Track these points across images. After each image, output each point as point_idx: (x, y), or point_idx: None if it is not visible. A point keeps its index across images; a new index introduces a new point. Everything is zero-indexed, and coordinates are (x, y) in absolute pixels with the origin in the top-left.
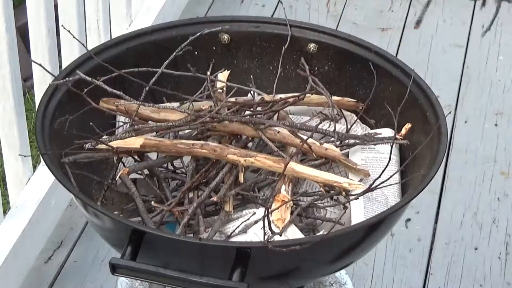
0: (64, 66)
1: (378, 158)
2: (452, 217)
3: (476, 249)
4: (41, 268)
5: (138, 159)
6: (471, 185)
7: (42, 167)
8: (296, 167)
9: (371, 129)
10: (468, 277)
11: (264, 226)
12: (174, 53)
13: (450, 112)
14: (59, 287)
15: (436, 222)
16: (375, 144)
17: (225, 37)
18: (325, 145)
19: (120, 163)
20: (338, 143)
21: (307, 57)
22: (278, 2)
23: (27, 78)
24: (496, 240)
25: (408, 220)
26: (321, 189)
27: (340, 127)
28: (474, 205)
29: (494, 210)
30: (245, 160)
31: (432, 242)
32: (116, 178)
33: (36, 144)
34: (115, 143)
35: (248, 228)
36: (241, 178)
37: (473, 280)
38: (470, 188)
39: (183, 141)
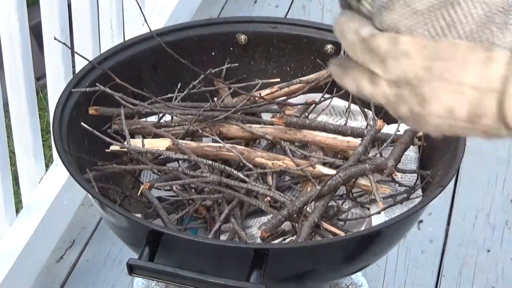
0: (77, 66)
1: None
2: (465, 218)
3: (488, 251)
4: (53, 267)
5: (158, 172)
6: (483, 186)
7: (55, 166)
8: (324, 170)
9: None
10: (480, 279)
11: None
12: None
13: None
14: (71, 286)
15: (448, 223)
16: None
17: (243, 37)
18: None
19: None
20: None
21: (325, 58)
22: (292, 2)
23: (39, 77)
24: (509, 242)
25: (421, 221)
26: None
27: (359, 124)
28: (486, 207)
29: (507, 212)
30: (272, 163)
31: (444, 244)
32: (138, 194)
33: (48, 143)
34: (140, 145)
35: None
36: (270, 181)
37: (486, 282)
38: (483, 189)
39: (210, 144)
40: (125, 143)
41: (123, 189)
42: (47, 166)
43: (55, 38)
